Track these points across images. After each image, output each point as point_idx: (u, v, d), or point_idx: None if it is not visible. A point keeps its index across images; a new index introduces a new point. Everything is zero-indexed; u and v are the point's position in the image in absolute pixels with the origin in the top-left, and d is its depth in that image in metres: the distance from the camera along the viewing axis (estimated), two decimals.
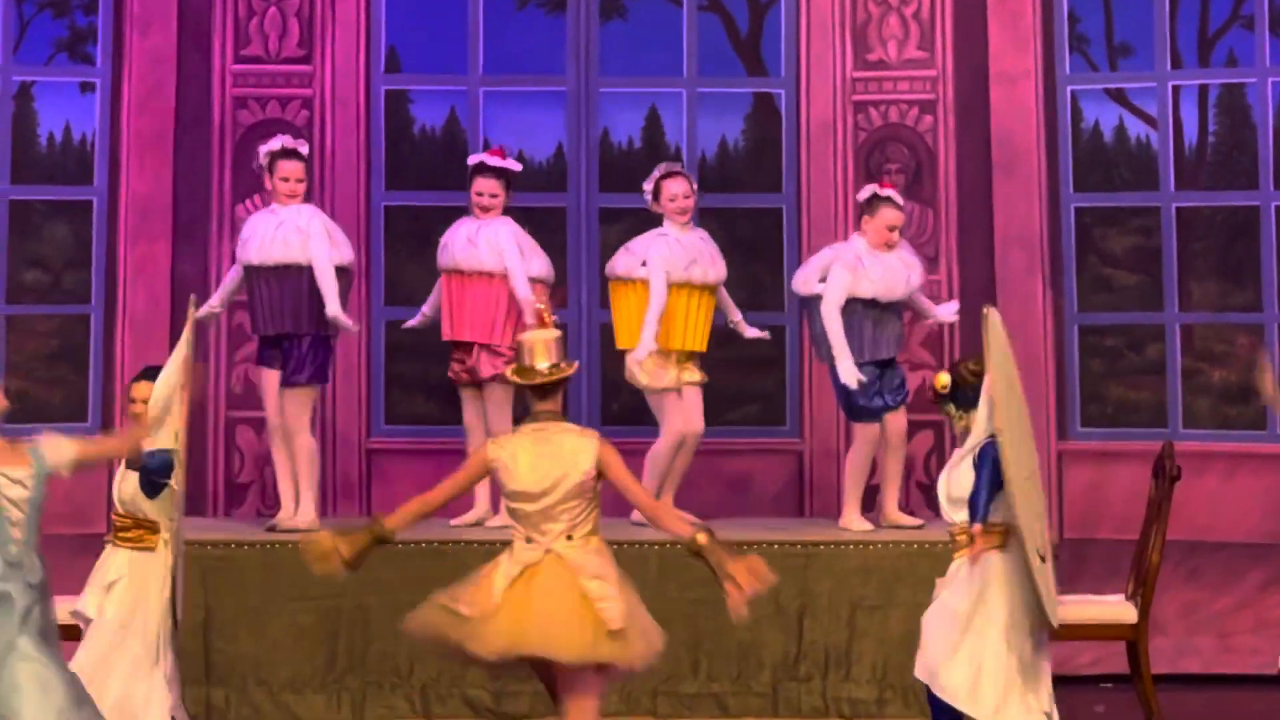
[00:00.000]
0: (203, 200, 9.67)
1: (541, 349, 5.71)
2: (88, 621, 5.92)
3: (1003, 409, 5.83)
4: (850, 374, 7.47)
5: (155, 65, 9.79)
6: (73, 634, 5.97)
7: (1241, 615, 8.84)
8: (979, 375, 5.96)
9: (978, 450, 5.87)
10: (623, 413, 8.89)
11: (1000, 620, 5.75)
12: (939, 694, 5.85)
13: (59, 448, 5.29)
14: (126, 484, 5.94)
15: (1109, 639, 7.36)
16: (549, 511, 5.41)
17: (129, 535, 6.01)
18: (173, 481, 5.98)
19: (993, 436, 5.77)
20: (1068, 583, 7.36)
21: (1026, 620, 5.76)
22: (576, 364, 5.89)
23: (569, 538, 5.41)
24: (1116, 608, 7.18)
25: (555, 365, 5.67)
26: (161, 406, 6.02)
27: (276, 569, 7.41)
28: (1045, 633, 5.86)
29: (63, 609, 5.63)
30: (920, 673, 5.97)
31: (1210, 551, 9.01)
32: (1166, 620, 8.37)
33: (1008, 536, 5.79)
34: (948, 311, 8.35)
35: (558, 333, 5.75)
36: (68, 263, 9.62)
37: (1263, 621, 8.76)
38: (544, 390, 5.60)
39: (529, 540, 5.49)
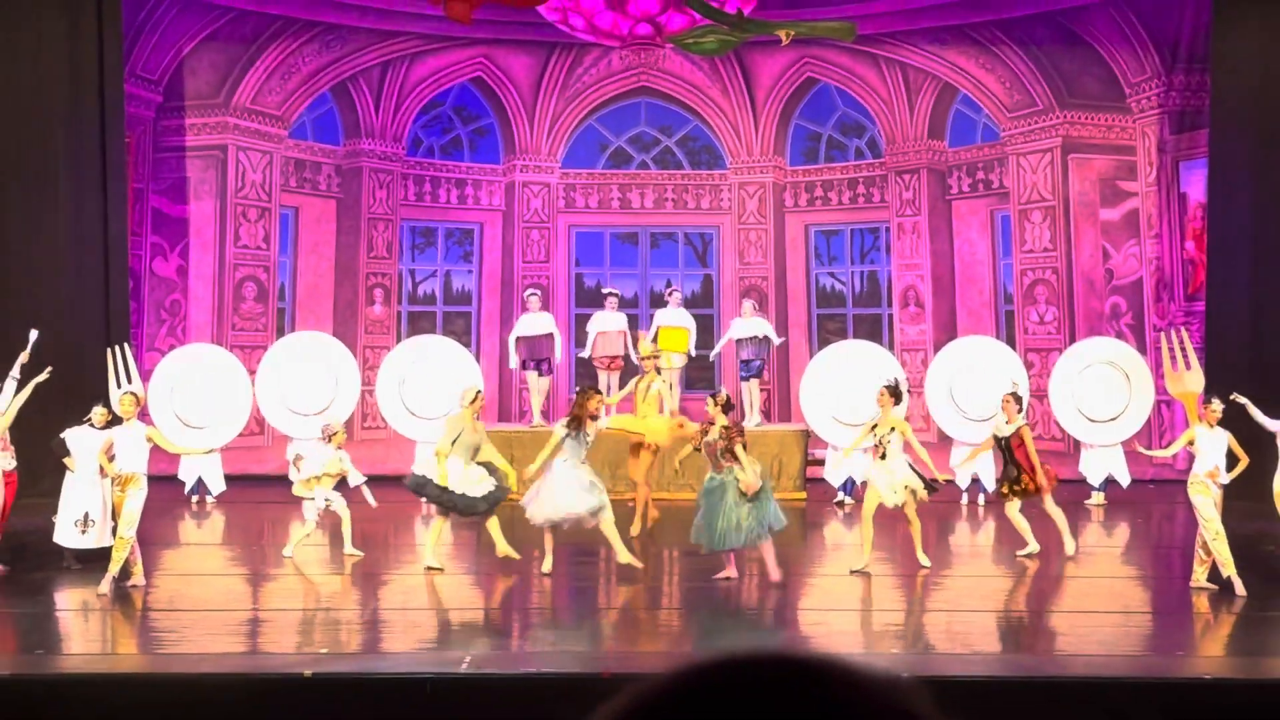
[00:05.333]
0: (509, 305, 22.05)
1: (647, 347, 16.45)
2: None
3: None
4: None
5: (492, 266, 22.16)
6: None
7: None
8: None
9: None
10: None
11: None
12: None
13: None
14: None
15: None
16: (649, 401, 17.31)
17: None
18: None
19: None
20: None
21: None
22: (661, 352, 17.52)
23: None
24: None
25: (652, 352, 16.80)
26: None
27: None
28: None
29: None
30: None
31: None
32: None
33: None
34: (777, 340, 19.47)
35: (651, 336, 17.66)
36: (464, 332, 22.07)
37: None
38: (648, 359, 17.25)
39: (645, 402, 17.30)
